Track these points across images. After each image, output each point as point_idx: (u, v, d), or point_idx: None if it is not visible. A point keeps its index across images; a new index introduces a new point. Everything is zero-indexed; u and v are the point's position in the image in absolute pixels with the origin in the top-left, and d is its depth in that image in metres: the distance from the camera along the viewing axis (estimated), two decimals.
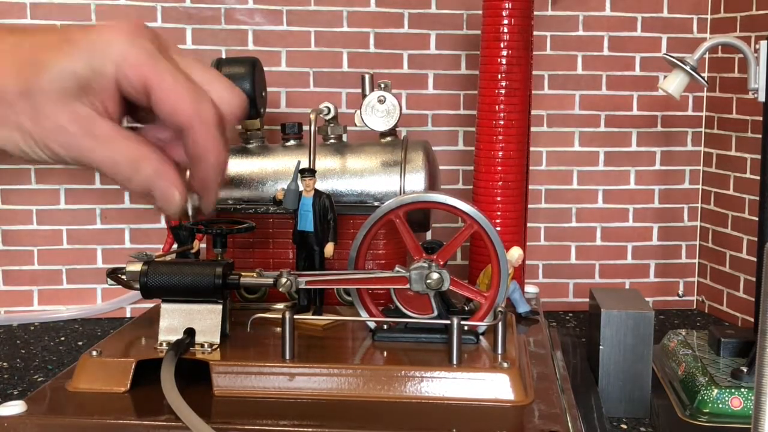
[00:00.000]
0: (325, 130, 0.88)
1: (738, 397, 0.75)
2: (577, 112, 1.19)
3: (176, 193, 0.61)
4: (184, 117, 0.58)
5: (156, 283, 0.67)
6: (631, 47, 1.18)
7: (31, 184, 1.14)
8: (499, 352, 0.67)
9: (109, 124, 0.58)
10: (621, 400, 0.83)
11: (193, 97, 0.58)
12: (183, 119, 0.59)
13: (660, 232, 1.21)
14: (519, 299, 0.85)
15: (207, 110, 0.58)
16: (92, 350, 0.67)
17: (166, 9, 1.13)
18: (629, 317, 0.82)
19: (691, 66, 0.87)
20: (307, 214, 0.76)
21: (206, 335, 0.67)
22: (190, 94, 0.58)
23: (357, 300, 0.71)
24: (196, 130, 0.59)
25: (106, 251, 1.16)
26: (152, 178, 0.60)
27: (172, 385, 0.59)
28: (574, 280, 1.21)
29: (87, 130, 0.58)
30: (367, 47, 1.15)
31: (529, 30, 0.93)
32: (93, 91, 0.57)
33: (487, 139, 0.92)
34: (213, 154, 0.61)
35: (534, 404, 0.62)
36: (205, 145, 0.60)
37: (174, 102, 0.58)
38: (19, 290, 1.15)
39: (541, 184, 1.19)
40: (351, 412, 0.61)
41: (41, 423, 0.60)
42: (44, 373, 0.94)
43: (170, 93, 0.57)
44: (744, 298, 1.12)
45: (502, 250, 0.70)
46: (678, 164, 1.21)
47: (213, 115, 0.59)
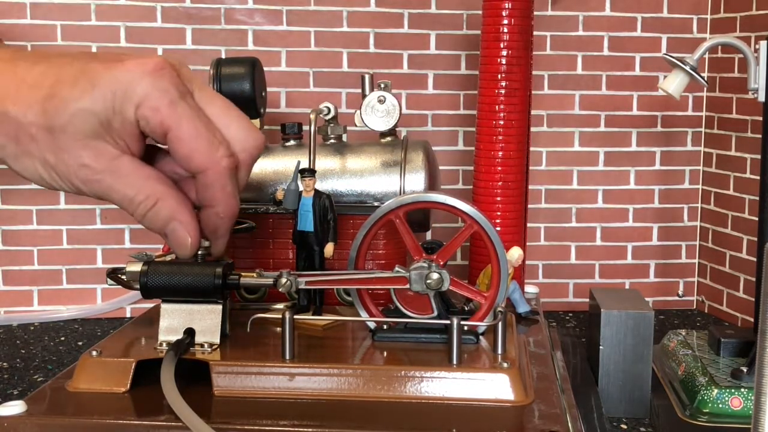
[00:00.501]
0: (325, 130, 0.88)
1: (738, 397, 0.75)
2: (577, 112, 1.19)
3: (189, 239, 0.61)
4: (197, 164, 0.59)
5: (156, 283, 0.67)
6: (631, 47, 1.18)
7: (31, 184, 1.13)
8: (499, 352, 0.67)
9: (130, 162, 0.58)
10: (621, 400, 0.83)
11: (209, 145, 0.58)
12: (196, 166, 0.59)
13: (660, 232, 1.21)
14: (519, 299, 0.85)
15: (221, 158, 0.59)
16: (92, 350, 0.67)
17: (165, 9, 1.13)
18: (629, 317, 0.82)
19: (691, 66, 0.87)
20: (307, 214, 0.76)
21: (206, 335, 0.67)
22: (206, 143, 0.58)
23: (357, 300, 0.71)
24: (209, 178, 0.59)
25: (106, 251, 1.16)
26: (167, 220, 0.60)
27: (172, 385, 0.59)
28: (574, 280, 1.21)
29: (107, 168, 0.58)
30: (367, 47, 1.16)
31: (529, 30, 0.93)
32: (114, 129, 0.57)
33: (487, 139, 0.92)
34: (222, 205, 0.61)
35: (534, 404, 0.62)
36: (215, 195, 0.60)
37: (189, 148, 0.58)
38: (19, 290, 1.15)
39: (541, 184, 1.19)
40: (351, 412, 0.61)
41: (41, 423, 0.60)
42: (44, 373, 0.94)
43: (186, 140, 0.57)
44: (744, 298, 1.12)
45: (502, 250, 0.70)
46: (678, 164, 1.21)
47: (226, 164, 0.59)
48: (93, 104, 0.55)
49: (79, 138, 0.56)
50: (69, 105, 0.55)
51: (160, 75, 0.56)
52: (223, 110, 0.60)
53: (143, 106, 0.56)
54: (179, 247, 0.62)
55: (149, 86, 0.55)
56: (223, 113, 0.60)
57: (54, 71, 0.56)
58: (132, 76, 0.55)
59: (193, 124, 0.57)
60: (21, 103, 0.55)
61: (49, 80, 0.55)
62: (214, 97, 0.61)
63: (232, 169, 0.60)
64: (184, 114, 0.57)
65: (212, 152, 0.58)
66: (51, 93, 0.55)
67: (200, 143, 0.58)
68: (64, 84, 0.55)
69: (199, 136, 0.58)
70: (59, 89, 0.55)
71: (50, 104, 0.55)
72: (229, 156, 0.59)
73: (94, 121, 0.56)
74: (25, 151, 0.57)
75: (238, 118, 0.61)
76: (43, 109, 0.55)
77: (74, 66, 0.56)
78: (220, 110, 0.60)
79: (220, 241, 0.65)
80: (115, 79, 0.55)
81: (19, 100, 0.55)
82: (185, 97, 0.57)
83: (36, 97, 0.55)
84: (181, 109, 0.57)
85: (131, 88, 0.55)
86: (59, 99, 0.55)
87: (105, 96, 0.55)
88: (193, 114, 0.57)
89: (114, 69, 0.56)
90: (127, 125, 0.57)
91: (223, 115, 0.60)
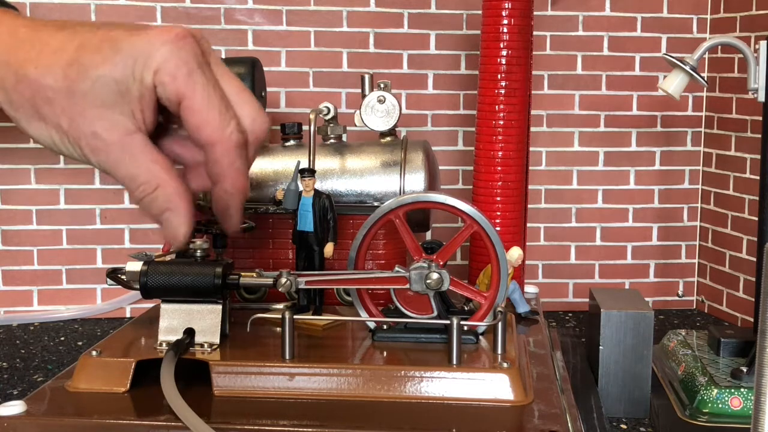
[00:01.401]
0: (324, 130, 0.88)
1: (738, 397, 0.75)
2: (576, 112, 1.19)
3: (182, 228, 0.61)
4: (207, 135, 0.59)
5: (156, 283, 0.67)
6: (631, 47, 1.18)
7: (31, 184, 1.14)
8: (499, 352, 0.67)
9: (142, 141, 0.59)
10: (621, 400, 0.83)
11: (220, 118, 0.58)
12: (206, 137, 0.59)
13: (660, 232, 1.21)
14: (519, 299, 0.85)
15: (231, 133, 0.59)
16: (92, 350, 0.67)
17: (165, 9, 1.13)
18: (629, 317, 0.82)
19: (691, 66, 0.87)
20: (306, 214, 0.76)
21: (206, 335, 0.67)
22: (218, 114, 0.58)
23: (357, 300, 0.71)
24: (217, 150, 0.59)
25: (106, 251, 1.16)
26: (163, 208, 0.60)
27: (171, 385, 0.59)
28: (573, 280, 1.21)
29: (119, 142, 0.58)
30: (366, 47, 1.16)
31: (528, 30, 0.93)
32: (131, 97, 0.57)
33: (487, 139, 0.92)
34: (230, 179, 0.61)
35: (534, 404, 0.62)
36: (223, 170, 0.60)
37: (201, 119, 0.58)
38: (19, 290, 1.15)
39: (541, 184, 1.19)
40: (351, 412, 0.61)
41: (41, 423, 0.60)
42: (44, 373, 0.94)
43: (199, 109, 0.58)
44: (744, 298, 1.12)
45: (502, 250, 0.70)
46: (678, 164, 1.21)
47: (236, 139, 0.59)
48: (113, 70, 0.56)
49: (97, 105, 0.57)
50: (90, 71, 0.56)
51: (181, 44, 0.56)
52: (237, 89, 0.61)
53: (161, 72, 0.56)
54: (172, 236, 0.62)
55: (169, 53, 0.56)
56: (236, 91, 0.61)
57: (78, 37, 0.56)
58: (153, 43, 0.56)
59: (206, 95, 0.58)
60: (42, 67, 0.56)
61: (72, 45, 0.56)
62: (230, 75, 0.61)
63: (241, 145, 0.60)
64: (200, 84, 0.57)
65: (223, 126, 0.58)
66: (73, 58, 0.56)
67: (211, 115, 0.58)
68: (87, 50, 0.56)
69: (211, 108, 0.58)
70: (82, 54, 0.56)
71: (72, 69, 0.56)
72: (240, 132, 0.59)
73: (114, 88, 0.56)
74: (39, 114, 0.58)
75: (250, 99, 0.61)
76: (64, 73, 0.56)
77: (98, 34, 0.57)
78: (234, 88, 0.60)
79: (233, 219, 0.65)
80: (137, 46, 0.56)
81: (41, 64, 0.56)
82: (203, 68, 0.58)
83: (59, 61, 0.56)
84: (198, 78, 0.57)
85: (151, 55, 0.56)
86: (81, 64, 0.56)
87: (126, 62, 0.56)
88: (209, 85, 0.58)
89: (136, 36, 0.56)
90: (145, 92, 0.57)
91: (236, 93, 0.60)
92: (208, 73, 0.58)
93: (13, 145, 1.13)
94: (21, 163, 1.14)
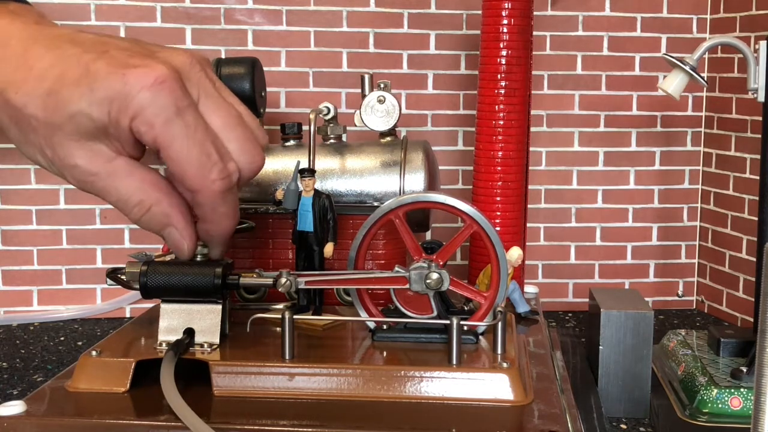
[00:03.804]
0: (324, 130, 0.88)
1: (738, 397, 0.75)
2: (576, 112, 1.19)
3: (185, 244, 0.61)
4: (188, 184, 0.58)
5: (156, 283, 0.66)
6: (631, 47, 1.18)
7: (31, 184, 1.14)
8: (499, 352, 0.67)
9: (126, 164, 0.58)
10: (621, 400, 0.83)
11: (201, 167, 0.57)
12: (187, 185, 0.58)
13: (660, 232, 1.21)
14: (519, 299, 0.85)
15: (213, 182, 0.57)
16: (92, 350, 0.67)
17: (165, 9, 1.13)
18: (629, 317, 0.82)
19: (691, 66, 0.87)
20: (306, 214, 0.76)
21: (206, 335, 0.67)
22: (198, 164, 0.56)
23: (356, 300, 0.71)
24: (200, 198, 0.58)
25: (106, 251, 1.16)
26: (162, 225, 0.60)
27: (171, 385, 0.59)
28: (573, 280, 1.21)
29: (102, 169, 0.57)
30: (366, 47, 1.16)
31: (528, 30, 0.93)
32: (110, 135, 0.56)
33: (487, 139, 0.92)
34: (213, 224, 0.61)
35: (534, 404, 0.62)
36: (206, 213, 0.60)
37: (180, 170, 0.57)
38: (19, 290, 1.15)
39: (541, 184, 1.19)
40: (351, 412, 0.61)
41: (41, 423, 0.60)
42: (44, 373, 0.94)
43: (177, 159, 0.56)
44: (744, 298, 1.12)
45: (502, 250, 0.70)
46: (678, 164, 1.21)
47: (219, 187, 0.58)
48: (90, 109, 0.55)
49: (75, 138, 0.56)
50: (67, 105, 0.55)
51: (159, 89, 0.54)
52: (226, 123, 0.58)
53: (137, 120, 0.55)
54: (176, 250, 0.62)
55: (146, 101, 0.54)
56: (226, 126, 0.58)
57: (62, 65, 0.55)
58: (131, 87, 0.54)
59: (185, 146, 0.56)
60: (23, 94, 0.55)
61: (54, 73, 0.55)
62: (220, 107, 0.59)
63: (225, 191, 0.58)
64: (178, 134, 0.55)
65: (204, 175, 0.57)
66: (53, 89, 0.55)
67: (191, 167, 0.56)
68: (66, 82, 0.55)
69: (190, 159, 0.56)
70: (61, 87, 0.55)
71: (51, 100, 0.55)
72: (223, 178, 0.58)
73: (91, 124, 0.55)
74: (27, 139, 0.58)
75: (238, 136, 0.59)
76: (44, 103, 0.55)
77: (81, 62, 0.55)
78: (223, 123, 0.58)
79: (215, 251, 0.65)
80: (114, 88, 0.54)
81: (22, 90, 0.55)
82: (184, 113, 0.56)
83: (38, 90, 0.55)
84: (176, 128, 0.55)
85: (128, 100, 0.54)
86: (60, 97, 0.55)
87: (102, 103, 0.55)
88: (188, 134, 0.56)
89: (116, 76, 0.55)
90: (122, 134, 0.56)
91: (226, 129, 0.58)
92: (191, 117, 0.56)
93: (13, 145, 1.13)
94: (21, 163, 1.14)
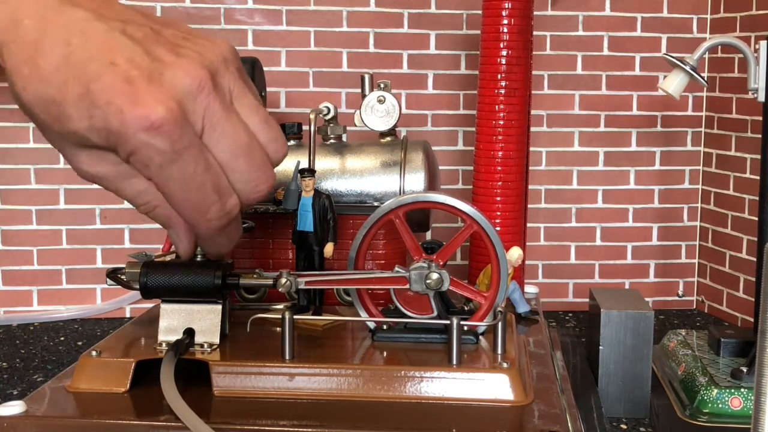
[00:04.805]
0: (324, 130, 0.88)
1: (738, 397, 0.75)
2: (576, 112, 1.19)
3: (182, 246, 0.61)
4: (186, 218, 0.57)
5: (156, 283, 0.66)
6: (631, 47, 1.18)
7: (31, 184, 1.14)
8: (499, 352, 0.67)
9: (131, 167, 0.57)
10: (621, 400, 0.83)
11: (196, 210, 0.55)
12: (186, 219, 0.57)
13: (660, 232, 1.21)
14: (519, 299, 0.85)
15: (210, 220, 0.56)
16: (92, 350, 0.67)
17: (165, 9, 1.13)
18: (629, 317, 0.82)
19: (691, 66, 0.87)
20: (306, 214, 0.76)
21: (206, 335, 0.67)
22: (194, 207, 0.55)
23: (357, 300, 0.71)
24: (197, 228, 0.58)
25: (106, 251, 1.16)
26: (165, 224, 0.59)
27: (171, 385, 0.59)
28: (573, 280, 1.21)
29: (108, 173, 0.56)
30: (366, 47, 1.16)
31: (528, 30, 0.93)
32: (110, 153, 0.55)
33: (487, 139, 0.92)
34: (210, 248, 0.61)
35: (534, 404, 0.62)
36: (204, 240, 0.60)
37: (177, 207, 0.56)
38: (19, 290, 1.15)
39: (541, 184, 1.19)
40: (351, 412, 0.61)
41: (41, 423, 0.60)
42: (44, 373, 0.94)
43: (173, 200, 0.55)
44: (744, 298, 1.12)
45: (502, 250, 0.70)
46: (678, 164, 1.21)
47: (216, 225, 0.57)
48: (89, 134, 0.53)
49: (78, 147, 0.56)
50: (68, 122, 0.53)
51: (155, 134, 0.52)
52: (232, 153, 0.56)
53: (133, 158, 0.54)
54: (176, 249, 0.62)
55: (141, 144, 0.52)
56: (231, 156, 0.56)
57: (66, 71, 0.52)
58: (127, 129, 0.52)
59: (181, 189, 0.54)
60: (29, 94, 0.53)
61: (58, 80, 0.53)
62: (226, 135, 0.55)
63: (223, 227, 0.57)
64: (175, 177, 0.54)
65: (200, 215, 0.56)
66: (56, 99, 0.53)
67: (186, 208, 0.55)
68: (69, 96, 0.53)
69: (186, 202, 0.55)
70: (63, 99, 0.53)
71: (54, 110, 0.53)
72: (220, 217, 0.56)
73: (92, 143, 0.54)
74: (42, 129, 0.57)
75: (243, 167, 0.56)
76: (48, 110, 0.54)
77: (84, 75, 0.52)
78: (229, 153, 0.56)
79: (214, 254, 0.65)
80: (112, 124, 0.52)
81: (27, 91, 0.53)
82: (181, 155, 0.53)
83: (43, 94, 0.53)
84: (172, 171, 0.53)
85: (125, 139, 0.52)
86: (62, 110, 0.53)
87: (100, 133, 0.53)
88: (185, 177, 0.54)
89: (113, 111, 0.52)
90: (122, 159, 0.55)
91: (231, 159, 0.56)
92: (189, 158, 0.53)
93: (13, 145, 1.13)
94: (21, 163, 1.14)
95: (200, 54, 0.55)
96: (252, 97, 0.59)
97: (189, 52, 0.55)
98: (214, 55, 0.56)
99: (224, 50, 0.57)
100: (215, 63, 0.56)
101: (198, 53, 0.55)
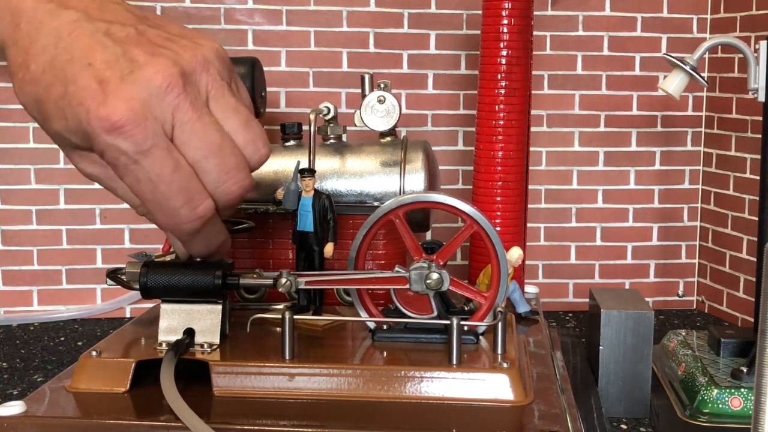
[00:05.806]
0: (324, 130, 0.88)
1: (738, 397, 0.75)
2: (576, 112, 1.19)
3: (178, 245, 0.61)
4: (156, 221, 0.57)
5: (156, 283, 0.66)
6: (631, 47, 1.18)
7: (31, 184, 1.14)
8: (499, 352, 0.67)
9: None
10: (621, 400, 0.83)
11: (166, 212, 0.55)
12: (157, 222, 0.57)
13: (660, 232, 1.21)
14: (519, 299, 0.85)
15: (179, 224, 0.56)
16: (92, 350, 0.67)
17: (165, 9, 1.13)
18: (629, 317, 0.82)
19: (691, 66, 0.87)
20: (306, 214, 0.76)
21: (206, 335, 0.67)
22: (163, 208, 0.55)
23: (357, 300, 0.71)
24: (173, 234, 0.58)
25: (106, 251, 1.16)
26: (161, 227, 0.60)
27: (171, 385, 0.59)
28: (574, 280, 1.21)
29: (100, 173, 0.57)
30: (366, 47, 1.16)
31: (528, 30, 0.93)
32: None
33: (487, 139, 0.92)
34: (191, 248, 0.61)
35: (534, 404, 0.62)
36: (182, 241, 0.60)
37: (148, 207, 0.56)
38: (19, 290, 1.15)
39: (541, 184, 1.19)
40: (351, 412, 0.61)
41: (41, 423, 0.60)
42: (44, 374, 0.94)
43: (143, 199, 0.55)
44: (744, 298, 1.12)
45: (502, 250, 0.70)
46: (678, 164, 1.21)
47: (187, 229, 0.56)
48: (68, 134, 0.54)
49: (68, 149, 0.56)
50: (51, 123, 0.54)
51: (117, 134, 0.52)
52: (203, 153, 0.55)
53: (105, 158, 0.54)
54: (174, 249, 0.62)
55: (105, 145, 0.53)
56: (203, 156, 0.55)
57: (51, 73, 0.53)
58: (92, 130, 0.52)
59: (148, 190, 0.54)
60: (23, 95, 0.54)
61: (45, 81, 0.53)
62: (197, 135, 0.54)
63: (195, 231, 0.57)
64: (141, 178, 0.54)
65: (170, 217, 0.55)
66: (41, 99, 0.54)
67: (155, 209, 0.55)
68: (51, 97, 0.53)
69: (154, 202, 0.55)
70: (47, 99, 0.53)
71: (42, 110, 0.54)
72: (192, 221, 0.56)
73: (74, 144, 0.55)
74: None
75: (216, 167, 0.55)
76: (38, 110, 0.54)
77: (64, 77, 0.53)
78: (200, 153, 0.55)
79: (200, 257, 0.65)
80: (81, 124, 0.53)
81: (22, 91, 0.54)
82: (146, 157, 0.53)
83: (33, 94, 0.54)
84: (138, 172, 0.53)
85: (93, 139, 0.53)
86: (45, 111, 0.54)
87: (76, 133, 0.54)
88: (151, 177, 0.53)
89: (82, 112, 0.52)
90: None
91: (202, 159, 0.55)
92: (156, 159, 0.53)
93: (13, 145, 1.13)
94: (21, 163, 1.14)
95: (176, 53, 0.54)
96: (232, 99, 0.57)
97: (165, 51, 0.54)
98: (191, 55, 0.55)
99: (207, 51, 0.56)
100: (191, 63, 0.55)
101: (174, 52, 0.54)
